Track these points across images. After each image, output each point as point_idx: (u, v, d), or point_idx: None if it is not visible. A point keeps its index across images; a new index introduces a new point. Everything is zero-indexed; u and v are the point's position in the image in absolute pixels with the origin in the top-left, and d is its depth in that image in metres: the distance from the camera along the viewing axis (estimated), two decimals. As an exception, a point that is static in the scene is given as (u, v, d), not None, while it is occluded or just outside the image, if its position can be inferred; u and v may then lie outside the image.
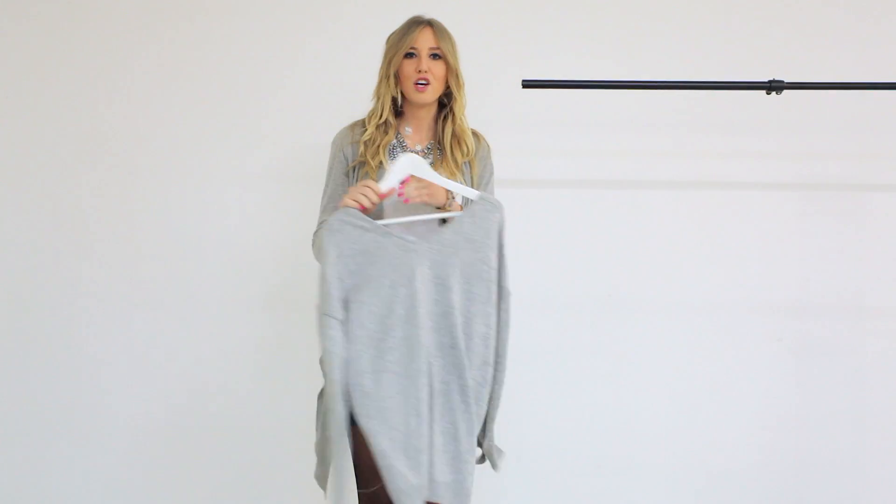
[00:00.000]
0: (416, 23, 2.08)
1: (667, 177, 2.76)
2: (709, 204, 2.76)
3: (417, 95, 2.06)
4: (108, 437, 2.76)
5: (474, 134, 2.18)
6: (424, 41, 2.05)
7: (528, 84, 2.30)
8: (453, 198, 2.05)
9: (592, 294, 2.75)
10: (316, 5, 2.77)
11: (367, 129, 2.09)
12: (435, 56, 2.06)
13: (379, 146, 2.07)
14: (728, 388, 2.75)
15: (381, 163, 2.06)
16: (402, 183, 1.97)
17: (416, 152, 2.09)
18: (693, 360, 2.75)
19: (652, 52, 2.75)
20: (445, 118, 2.12)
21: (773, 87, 2.29)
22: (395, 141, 2.11)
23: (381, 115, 2.08)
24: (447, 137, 2.10)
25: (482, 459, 2.08)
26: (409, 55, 2.06)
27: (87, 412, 2.76)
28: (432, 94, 2.07)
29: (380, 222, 1.96)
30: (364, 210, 1.95)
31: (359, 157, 2.08)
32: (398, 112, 2.14)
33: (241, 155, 2.75)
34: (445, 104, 2.13)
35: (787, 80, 2.30)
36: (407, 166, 1.99)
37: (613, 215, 2.76)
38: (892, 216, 2.76)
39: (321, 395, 2.03)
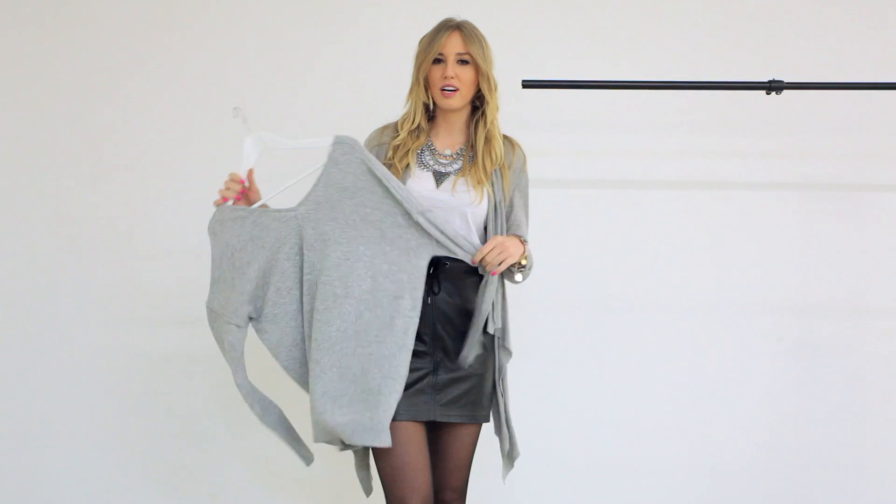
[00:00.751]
0: (445, 27, 2.04)
1: (667, 177, 2.76)
2: (709, 204, 2.76)
3: (444, 101, 2.03)
4: (109, 437, 2.77)
5: (509, 141, 2.14)
6: (452, 47, 2.01)
7: (528, 84, 2.30)
8: (525, 241, 2.05)
9: (592, 294, 2.75)
10: (326, 10, 2.77)
11: (399, 134, 2.07)
12: (463, 61, 2.02)
13: (409, 150, 2.05)
14: (728, 388, 2.75)
15: (407, 165, 2.04)
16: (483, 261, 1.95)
17: (446, 156, 2.08)
18: (693, 360, 2.75)
19: (652, 53, 2.75)
20: (478, 122, 2.08)
21: (773, 87, 2.29)
22: (424, 146, 2.09)
23: (413, 121, 2.06)
24: (480, 142, 2.06)
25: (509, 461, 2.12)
26: (436, 61, 2.02)
27: (88, 412, 2.77)
28: (460, 99, 2.03)
29: (255, 205, 1.99)
30: (239, 199, 1.98)
31: (386, 160, 2.06)
32: (431, 116, 2.12)
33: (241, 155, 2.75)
34: (479, 107, 2.09)
35: (787, 80, 2.30)
36: (255, 146, 2.02)
37: (613, 215, 2.76)
38: (892, 216, 2.76)
39: None
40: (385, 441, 1.84)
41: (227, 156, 2.75)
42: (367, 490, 2.07)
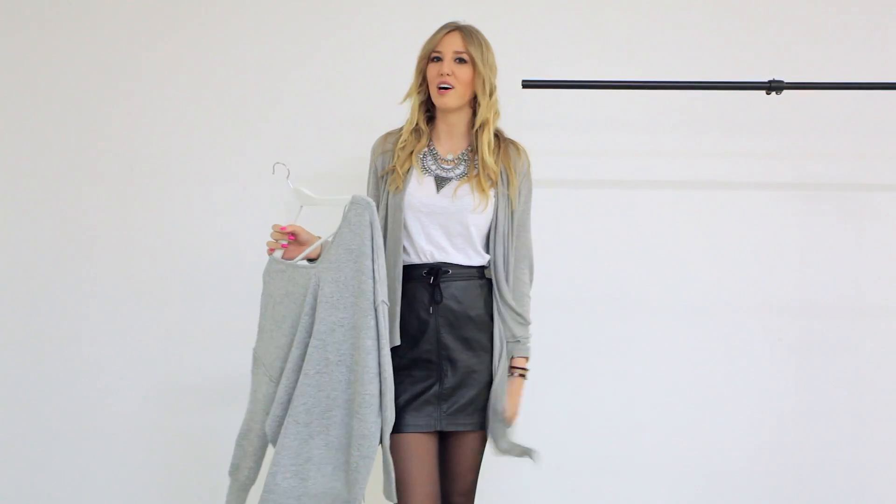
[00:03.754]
0: (446, 27, 2.05)
1: (667, 177, 2.76)
2: (709, 204, 2.76)
3: (440, 99, 2.01)
4: (108, 437, 2.76)
5: (515, 145, 2.12)
6: (449, 45, 2.01)
7: (527, 84, 2.30)
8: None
9: (592, 294, 2.75)
10: (320, 10, 2.77)
11: (401, 136, 2.06)
12: (461, 60, 2.01)
13: (411, 153, 2.05)
14: (728, 387, 2.75)
15: (409, 168, 2.04)
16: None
17: (448, 161, 2.07)
18: (693, 360, 2.75)
19: (652, 53, 2.75)
20: (479, 126, 2.06)
21: (773, 87, 2.29)
22: (426, 149, 2.08)
23: (412, 121, 2.06)
24: (482, 146, 2.04)
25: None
26: (435, 59, 2.02)
27: (87, 412, 2.76)
28: (455, 98, 2.01)
29: (314, 245, 2.00)
30: (286, 245, 2.00)
31: (389, 165, 2.06)
32: (431, 118, 2.10)
33: (242, 156, 2.75)
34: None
35: (787, 80, 2.30)
36: (297, 200, 2.05)
37: (613, 215, 2.76)
38: (892, 216, 2.76)
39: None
40: None
41: (226, 156, 2.77)
42: None
